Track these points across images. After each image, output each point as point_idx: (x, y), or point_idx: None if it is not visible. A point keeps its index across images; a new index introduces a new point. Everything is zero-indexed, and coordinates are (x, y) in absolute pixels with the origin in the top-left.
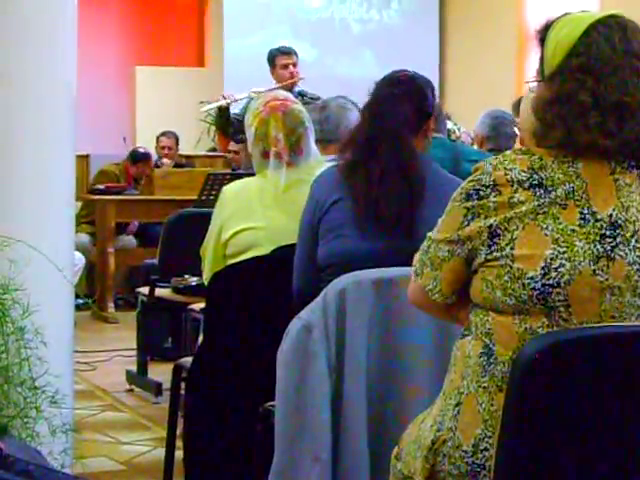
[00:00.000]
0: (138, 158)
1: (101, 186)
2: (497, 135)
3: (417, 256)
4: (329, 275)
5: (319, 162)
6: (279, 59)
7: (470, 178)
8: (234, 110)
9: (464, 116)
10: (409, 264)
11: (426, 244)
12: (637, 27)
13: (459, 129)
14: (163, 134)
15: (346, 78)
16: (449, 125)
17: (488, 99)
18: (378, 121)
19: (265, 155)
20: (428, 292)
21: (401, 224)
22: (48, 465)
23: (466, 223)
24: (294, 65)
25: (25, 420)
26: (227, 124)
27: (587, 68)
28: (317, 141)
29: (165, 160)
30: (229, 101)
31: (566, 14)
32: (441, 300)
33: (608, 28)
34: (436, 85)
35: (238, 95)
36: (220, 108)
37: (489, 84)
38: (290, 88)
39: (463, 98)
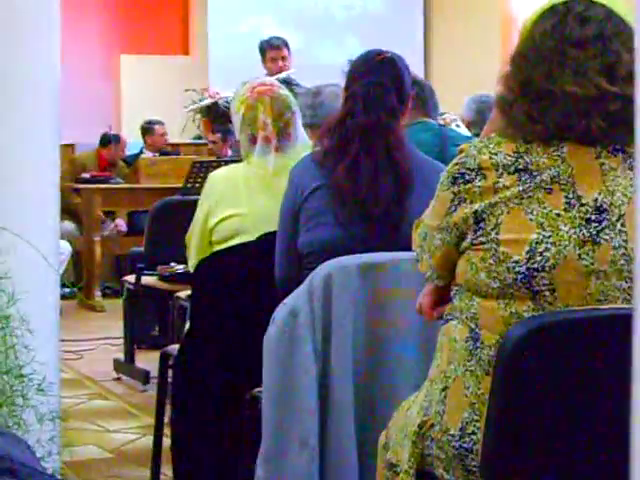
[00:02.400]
0: (108, 141)
1: (87, 175)
2: (482, 119)
3: (415, 239)
4: (310, 263)
5: (307, 147)
6: (268, 52)
7: (455, 161)
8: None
9: (449, 103)
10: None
11: (423, 230)
12: (589, 10)
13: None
14: (157, 122)
15: (331, 65)
16: (453, 117)
17: (473, 86)
18: (368, 112)
19: (253, 140)
20: (429, 279)
21: (388, 222)
22: (37, 465)
23: (453, 209)
24: (283, 58)
25: (12, 408)
26: (219, 116)
27: (523, 54)
28: (308, 125)
29: (147, 153)
30: (214, 100)
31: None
32: (444, 283)
33: (552, 13)
34: (421, 72)
35: (223, 92)
36: (209, 107)
37: (474, 71)
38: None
39: (448, 85)
